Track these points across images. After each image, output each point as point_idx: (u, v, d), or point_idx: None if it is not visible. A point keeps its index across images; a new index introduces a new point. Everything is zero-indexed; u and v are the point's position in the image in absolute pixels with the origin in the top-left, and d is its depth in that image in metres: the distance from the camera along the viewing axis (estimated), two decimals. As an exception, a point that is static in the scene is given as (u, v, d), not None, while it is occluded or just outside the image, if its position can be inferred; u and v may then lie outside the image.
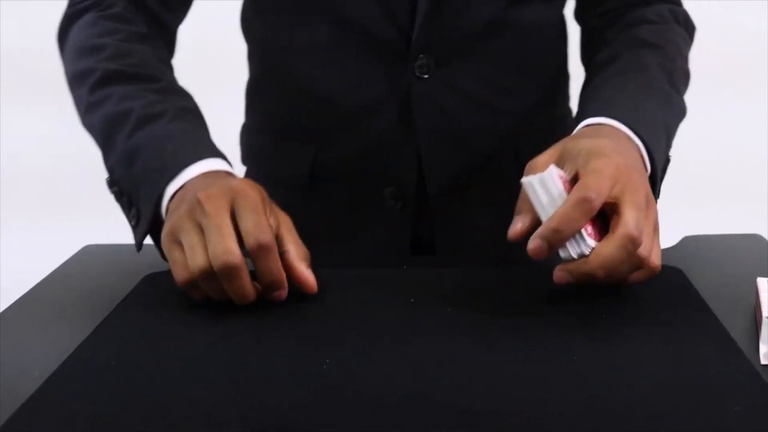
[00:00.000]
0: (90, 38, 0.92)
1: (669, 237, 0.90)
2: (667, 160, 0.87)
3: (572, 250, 0.70)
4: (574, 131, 0.84)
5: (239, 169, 1.11)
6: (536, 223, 0.72)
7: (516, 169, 0.97)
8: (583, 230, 0.69)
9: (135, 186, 0.82)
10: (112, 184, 0.85)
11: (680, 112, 0.90)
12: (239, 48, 1.10)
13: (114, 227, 1.06)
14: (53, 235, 2.27)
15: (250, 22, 1.06)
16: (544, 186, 0.71)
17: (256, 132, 1.09)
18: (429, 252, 1.04)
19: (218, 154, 0.83)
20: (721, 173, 2.38)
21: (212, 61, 2.08)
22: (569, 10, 1.06)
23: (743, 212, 2.25)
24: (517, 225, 0.74)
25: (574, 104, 1.09)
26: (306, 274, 0.76)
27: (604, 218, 0.71)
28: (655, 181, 0.82)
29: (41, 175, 2.48)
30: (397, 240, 1.02)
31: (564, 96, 1.10)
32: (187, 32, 1.05)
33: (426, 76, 0.95)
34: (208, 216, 0.73)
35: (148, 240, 0.83)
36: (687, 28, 1.00)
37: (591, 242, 0.70)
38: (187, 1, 1.01)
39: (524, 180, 0.73)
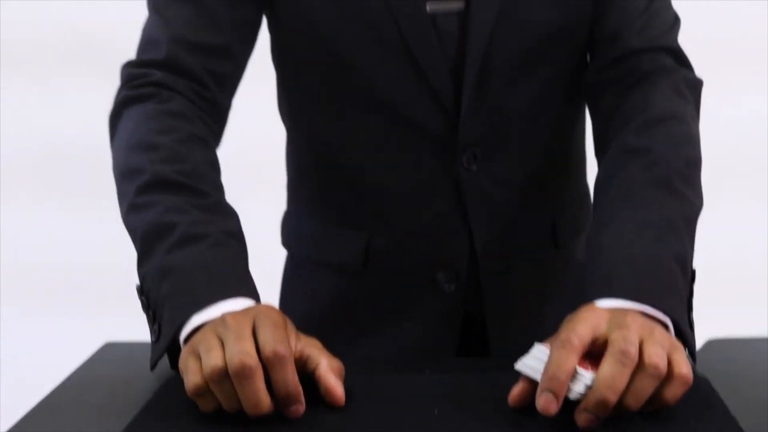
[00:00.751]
0: (147, 134, 0.90)
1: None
2: (693, 276, 0.86)
3: (576, 388, 0.71)
4: None
5: (281, 253, 1.16)
6: (533, 386, 0.74)
7: (553, 246, 1.10)
8: (578, 368, 0.71)
9: (162, 304, 0.81)
10: (142, 292, 0.85)
11: (690, 216, 0.87)
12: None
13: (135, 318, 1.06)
14: (74, 327, 2.27)
15: (291, 113, 1.08)
16: (535, 358, 0.75)
17: (303, 218, 1.11)
18: (479, 329, 1.07)
19: (252, 292, 0.83)
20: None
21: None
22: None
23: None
24: (514, 390, 0.76)
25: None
26: (334, 384, 0.76)
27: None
28: (680, 324, 0.80)
29: (61, 268, 2.48)
30: (449, 319, 1.06)
31: (584, 174, 1.15)
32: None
33: (474, 167, 1.00)
34: (229, 328, 0.74)
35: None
36: (692, 91, 0.97)
37: (589, 374, 0.71)
38: (238, 80, 1.02)
39: (516, 366, 0.76)
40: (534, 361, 0.74)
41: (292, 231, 1.14)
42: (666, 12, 1.01)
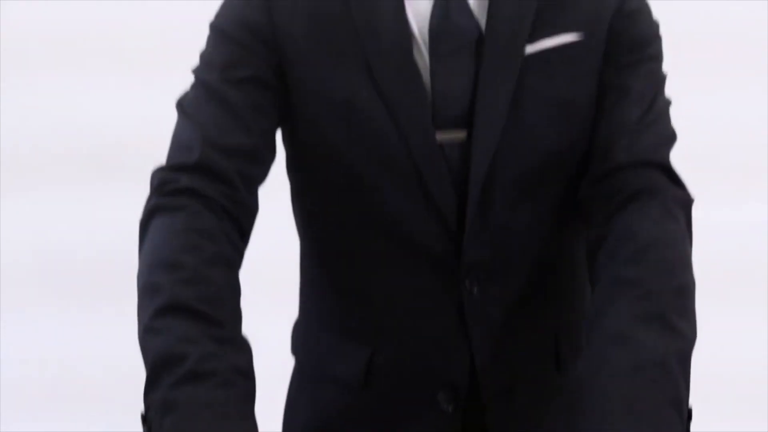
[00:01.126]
0: (172, 251, 0.90)
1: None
2: (689, 415, 0.85)
3: None
4: None
5: (289, 360, 1.15)
6: None
7: (555, 367, 1.07)
8: None
9: None
10: (145, 420, 0.85)
11: (684, 350, 0.86)
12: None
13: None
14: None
15: (302, 224, 1.08)
16: None
17: (310, 329, 1.11)
18: None
19: None
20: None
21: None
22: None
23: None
24: None
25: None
26: None
27: None
28: None
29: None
30: None
31: (589, 291, 1.09)
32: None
33: (476, 290, 0.99)
34: None
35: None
36: (682, 211, 0.94)
37: None
38: (260, 184, 1.01)
39: None
40: None
41: (299, 340, 1.13)
42: (660, 126, 0.98)
